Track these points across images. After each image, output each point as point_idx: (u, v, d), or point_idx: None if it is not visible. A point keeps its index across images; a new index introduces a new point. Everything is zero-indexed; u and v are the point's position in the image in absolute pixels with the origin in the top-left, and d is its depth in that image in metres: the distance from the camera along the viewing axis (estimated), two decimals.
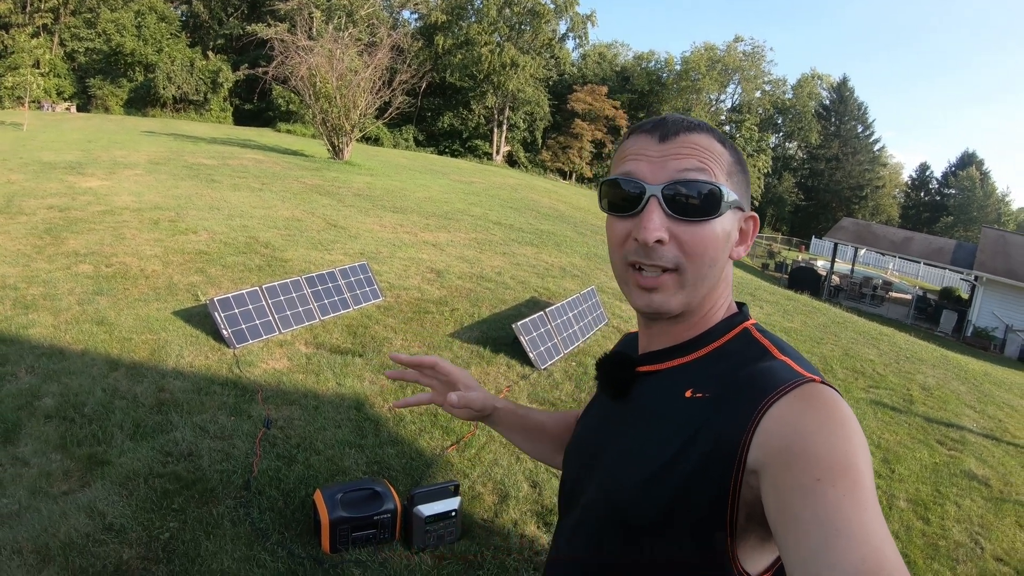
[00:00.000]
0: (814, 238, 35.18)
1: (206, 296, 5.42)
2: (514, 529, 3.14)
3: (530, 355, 5.18)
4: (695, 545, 0.69)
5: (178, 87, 33.37)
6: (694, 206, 0.73)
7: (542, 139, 42.96)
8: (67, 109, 30.89)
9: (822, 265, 23.52)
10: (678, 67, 44.57)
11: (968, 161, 48.15)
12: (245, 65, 32.26)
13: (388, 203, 12.31)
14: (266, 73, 21.64)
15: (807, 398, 0.65)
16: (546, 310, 5.70)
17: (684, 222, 0.74)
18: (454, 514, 2.89)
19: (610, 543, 0.77)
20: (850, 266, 23.78)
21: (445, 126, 40.98)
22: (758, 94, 45.68)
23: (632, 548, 0.74)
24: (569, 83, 44.16)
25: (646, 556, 0.72)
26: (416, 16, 43.18)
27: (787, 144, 48.39)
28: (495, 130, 41.57)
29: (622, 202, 0.77)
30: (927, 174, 50.60)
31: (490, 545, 2.96)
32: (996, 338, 16.47)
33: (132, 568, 2.47)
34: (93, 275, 5.68)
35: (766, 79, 45.33)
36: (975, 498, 4.56)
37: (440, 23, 39.59)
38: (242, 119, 36.68)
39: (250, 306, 4.92)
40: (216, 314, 4.68)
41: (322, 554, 2.71)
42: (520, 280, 7.97)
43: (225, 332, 4.66)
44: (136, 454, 3.20)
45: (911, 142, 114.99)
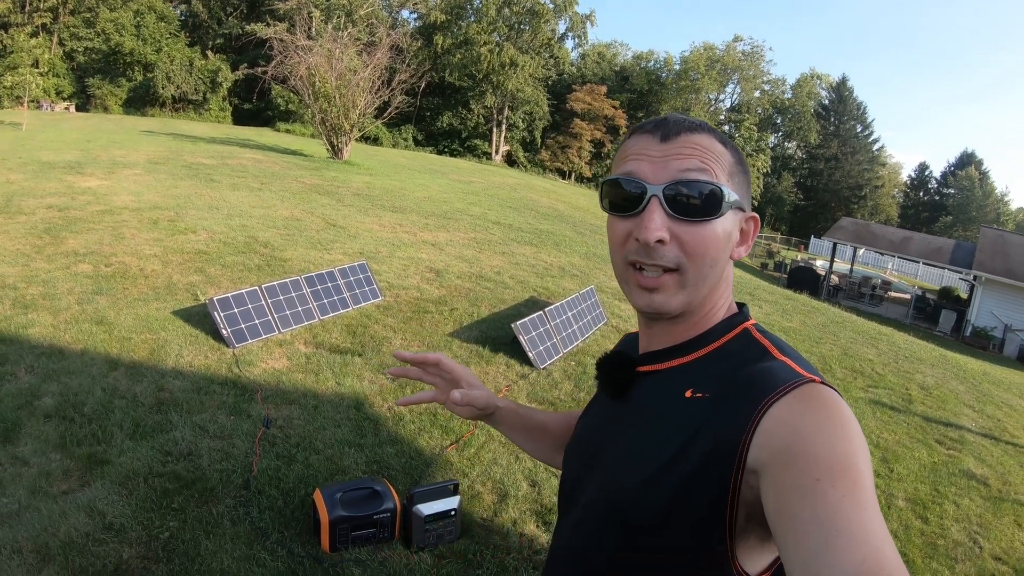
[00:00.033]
0: (813, 238, 35.24)
1: (205, 296, 5.42)
2: (513, 528, 3.14)
3: (529, 354, 5.18)
4: (695, 545, 0.69)
5: (177, 87, 33.37)
6: (695, 206, 0.73)
7: (541, 139, 42.97)
8: (66, 109, 30.84)
9: (821, 265, 23.53)
10: (677, 67, 44.63)
11: (967, 161, 48.19)
12: (244, 65, 32.19)
13: (387, 203, 12.31)
14: (265, 73, 21.58)
15: (807, 398, 0.65)
16: (545, 310, 5.70)
17: (685, 222, 0.74)
18: (453, 513, 2.89)
19: (610, 543, 0.77)
20: (849, 266, 23.82)
21: (444, 126, 40.99)
22: (757, 94, 45.74)
23: (632, 548, 0.74)
24: (568, 83, 44.16)
25: (645, 556, 0.73)
26: (415, 16, 43.20)
27: (786, 144, 48.42)
28: (494, 130, 41.57)
29: (623, 202, 0.77)
30: (926, 174, 50.66)
31: (489, 544, 2.97)
32: (995, 338, 16.49)
33: (132, 567, 2.48)
34: (92, 275, 5.67)
35: (765, 79, 45.43)
36: (974, 497, 4.57)
37: (439, 23, 39.57)
38: (241, 119, 36.66)
39: (249, 306, 4.92)
40: (215, 314, 4.68)
41: (322, 553, 2.72)
42: (519, 280, 7.97)
43: (224, 332, 4.66)
44: (136, 453, 3.20)
45: (910, 142, 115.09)
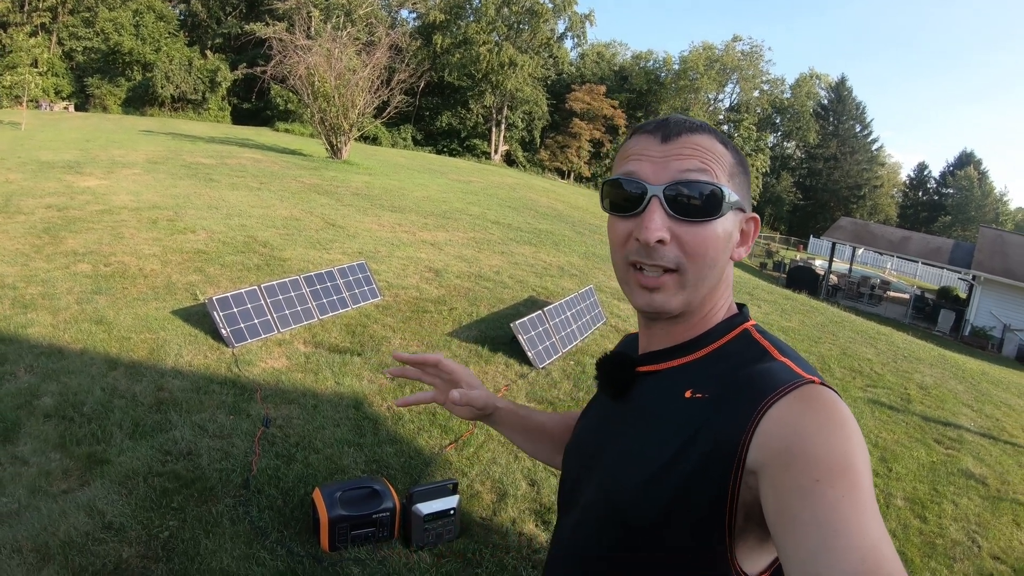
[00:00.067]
0: (812, 237, 35.25)
1: (205, 295, 5.42)
2: (512, 527, 3.14)
3: (528, 354, 5.18)
4: (694, 545, 0.69)
5: (176, 86, 33.35)
6: (695, 207, 0.73)
7: (540, 138, 42.96)
8: (65, 108, 30.80)
9: (820, 264, 23.54)
10: (676, 66, 44.61)
11: (966, 161, 48.23)
12: (243, 64, 32.21)
13: (386, 202, 12.31)
14: (264, 72, 21.59)
15: (806, 399, 0.65)
16: (544, 309, 5.70)
17: (685, 222, 0.74)
18: (452, 512, 2.90)
19: (609, 543, 0.77)
20: (848, 265, 23.84)
21: (443, 125, 40.97)
22: (756, 93, 45.76)
23: (632, 548, 0.74)
24: (567, 82, 44.15)
25: (645, 556, 0.73)
26: (414, 15, 43.18)
27: (785, 144, 48.46)
28: (493, 129, 41.55)
29: (624, 202, 0.77)
30: (925, 174, 50.70)
31: (488, 543, 2.97)
32: (994, 337, 16.50)
33: (131, 566, 2.48)
34: (92, 274, 5.67)
35: (764, 79, 45.46)
36: (972, 496, 4.57)
37: (438, 22, 39.54)
38: (240, 118, 36.64)
39: (248, 305, 4.92)
40: (215, 313, 4.68)
41: (321, 552, 2.72)
42: (518, 279, 7.97)
43: (224, 331, 4.66)
44: (135, 453, 3.20)
45: (909, 142, 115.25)
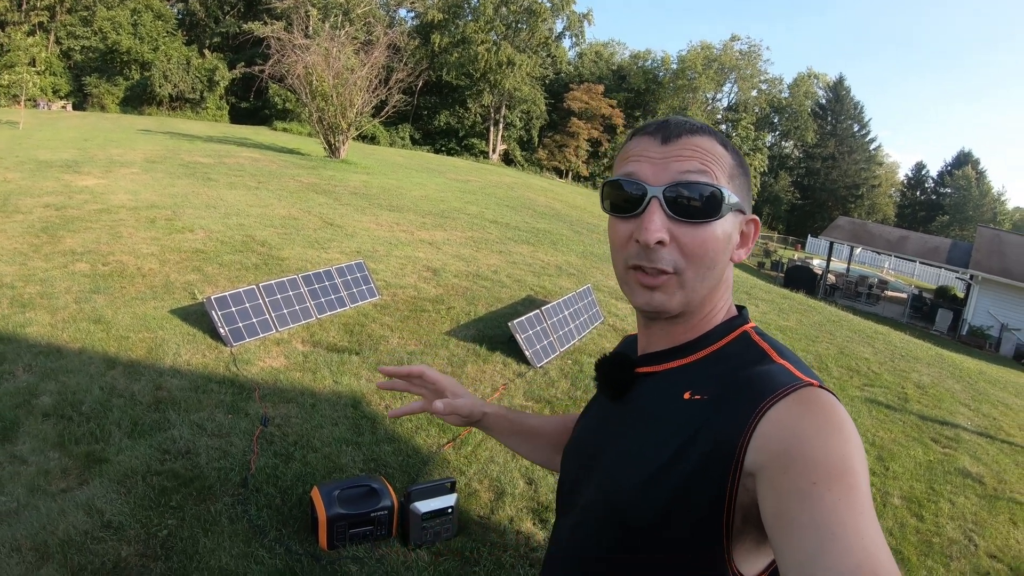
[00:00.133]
0: (810, 237, 35.28)
1: (203, 294, 5.42)
2: (510, 525, 3.15)
3: (526, 353, 5.19)
4: (693, 546, 0.69)
5: (174, 85, 33.32)
6: (695, 208, 0.74)
7: (538, 138, 42.97)
8: (63, 107, 30.75)
9: (818, 264, 23.56)
10: (674, 66, 44.63)
11: (964, 160, 48.29)
12: (241, 63, 32.15)
13: (384, 202, 12.30)
14: (262, 71, 21.54)
15: (805, 402, 0.65)
16: (542, 308, 5.70)
17: (685, 224, 0.74)
18: (450, 511, 2.90)
19: (609, 544, 0.77)
20: (846, 265, 23.83)
21: (441, 125, 40.96)
22: (754, 93, 45.83)
23: (631, 549, 0.74)
24: (565, 82, 44.16)
25: (645, 557, 0.73)
26: (412, 14, 43.20)
27: (783, 143, 48.50)
28: (491, 128, 41.55)
29: (624, 203, 0.77)
30: (923, 173, 50.75)
31: (486, 541, 2.98)
32: (991, 337, 16.55)
33: (130, 565, 2.48)
34: (90, 274, 5.67)
35: (762, 78, 45.56)
36: (969, 495, 4.59)
37: (436, 21, 39.52)
38: (238, 117, 36.62)
39: (247, 304, 4.92)
40: (213, 312, 4.68)
41: (319, 550, 2.72)
42: (516, 278, 7.98)
43: (222, 330, 4.66)
44: (134, 452, 3.20)
45: (907, 141, 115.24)
